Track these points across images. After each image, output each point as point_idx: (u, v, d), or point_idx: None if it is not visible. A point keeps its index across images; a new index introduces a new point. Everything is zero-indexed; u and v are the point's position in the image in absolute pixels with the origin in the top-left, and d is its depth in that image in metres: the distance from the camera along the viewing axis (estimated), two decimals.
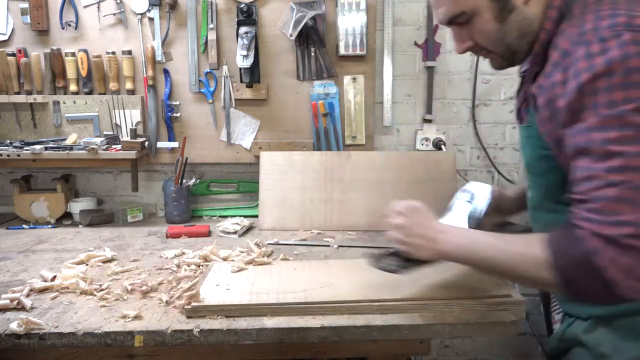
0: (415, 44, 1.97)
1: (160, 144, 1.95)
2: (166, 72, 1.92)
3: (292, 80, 1.94)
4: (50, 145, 1.81)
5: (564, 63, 0.83)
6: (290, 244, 1.57)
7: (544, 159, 0.94)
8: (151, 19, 1.89)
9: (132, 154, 1.78)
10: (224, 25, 1.90)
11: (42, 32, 1.89)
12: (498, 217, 1.22)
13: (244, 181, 2.03)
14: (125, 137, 1.88)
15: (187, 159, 1.90)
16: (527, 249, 0.87)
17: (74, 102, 1.90)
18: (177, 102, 1.94)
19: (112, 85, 1.90)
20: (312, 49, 1.90)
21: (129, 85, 1.90)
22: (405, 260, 1.03)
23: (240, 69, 1.86)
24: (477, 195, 1.20)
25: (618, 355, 0.88)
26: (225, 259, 1.38)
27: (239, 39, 1.81)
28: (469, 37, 1.00)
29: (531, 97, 0.94)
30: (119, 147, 1.81)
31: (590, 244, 0.78)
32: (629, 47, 0.77)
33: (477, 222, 1.14)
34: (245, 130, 1.97)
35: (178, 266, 1.33)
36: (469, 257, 0.96)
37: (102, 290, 1.16)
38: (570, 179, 0.84)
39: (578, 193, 0.81)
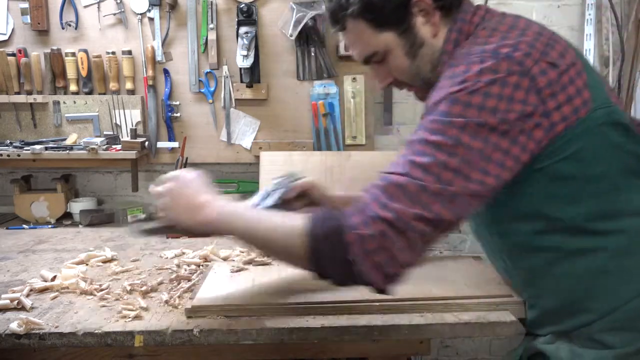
0: None
1: (160, 144, 1.95)
2: (166, 72, 1.92)
3: (292, 80, 1.94)
4: (50, 145, 1.81)
5: (436, 85, 0.89)
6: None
7: None
8: (151, 19, 1.89)
9: (132, 154, 1.78)
10: (224, 25, 1.90)
11: (42, 32, 1.90)
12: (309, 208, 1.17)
13: (244, 181, 2.03)
14: (126, 137, 1.88)
15: (187, 159, 1.90)
16: (288, 219, 0.89)
17: (74, 102, 1.90)
18: (177, 102, 1.94)
19: (112, 85, 1.90)
20: (312, 49, 1.90)
21: (129, 85, 1.90)
22: (164, 225, 0.98)
23: (240, 69, 1.86)
24: (283, 182, 1.16)
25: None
26: (225, 259, 1.38)
27: (239, 39, 1.81)
28: (387, 74, 1.04)
29: None
30: (119, 147, 1.81)
31: (352, 219, 0.81)
32: (485, 72, 0.82)
33: (266, 205, 1.09)
34: (245, 130, 1.97)
35: (178, 266, 1.33)
36: (232, 227, 0.93)
37: (102, 290, 1.16)
38: None
39: (382, 171, 0.85)
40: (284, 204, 1.11)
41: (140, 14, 1.89)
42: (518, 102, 0.81)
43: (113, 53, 1.88)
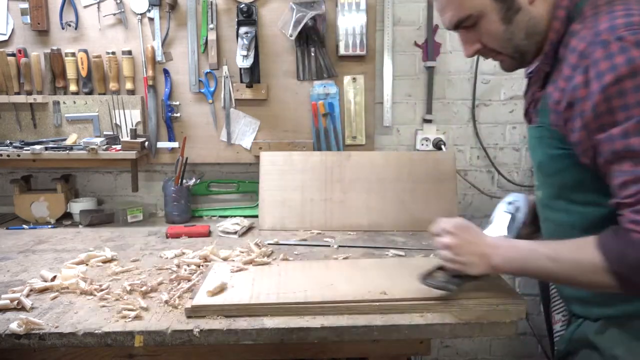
0: (415, 44, 1.97)
1: (160, 144, 1.95)
2: (166, 72, 1.92)
3: (292, 80, 1.94)
4: (50, 146, 1.81)
5: (583, 64, 0.83)
6: (290, 244, 1.57)
7: (556, 158, 0.94)
8: (151, 19, 1.89)
9: (132, 154, 1.78)
10: (224, 25, 1.90)
11: (42, 32, 1.89)
12: (532, 227, 1.19)
13: (243, 181, 2.03)
14: (125, 137, 1.88)
15: (187, 159, 1.90)
16: (580, 255, 0.86)
17: (74, 102, 1.90)
18: (177, 102, 1.94)
19: (112, 86, 1.90)
20: (312, 49, 1.90)
21: (129, 85, 1.90)
22: (452, 276, 1.05)
23: (240, 69, 1.86)
24: (516, 206, 1.20)
25: (632, 357, 0.88)
26: (225, 259, 1.38)
27: (239, 39, 1.81)
28: (476, 39, 1.00)
29: (543, 98, 0.94)
30: (119, 147, 1.81)
31: None
32: None
33: (516, 234, 1.14)
34: (245, 130, 1.97)
35: (178, 266, 1.33)
36: (523, 269, 0.96)
37: (102, 290, 1.16)
38: (610, 184, 0.84)
39: (624, 197, 0.81)
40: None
41: (140, 14, 1.89)
42: None
43: (113, 53, 1.88)
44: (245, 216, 1.86)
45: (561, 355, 1.04)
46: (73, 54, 1.87)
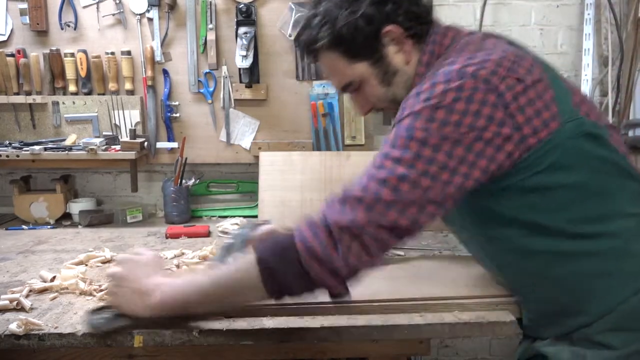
0: None
1: (159, 144, 1.95)
2: (165, 72, 1.92)
3: (291, 80, 1.94)
4: (49, 146, 1.80)
5: (401, 104, 0.90)
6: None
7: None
8: (150, 19, 1.89)
9: (131, 155, 1.78)
10: (223, 25, 1.90)
11: (41, 32, 1.89)
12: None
13: (243, 181, 2.03)
14: (125, 137, 1.88)
15: (186, 159, 1.90)
16: (238, 259, 0.89)
17: (73, 103, 1.90)
18: (177, 103, 1.94)
19: (112, 86, 1.90)
20: None
21: (128, 85, 1.90)
22: (116, 314, 0.94)
23: (240, 69, 1.86)
24: (241, 234, 1.13)
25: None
26: None
27: (238, 39, 1.81)
28: (366, 100, 1.07)
29: None
30: (118, 147, 1.81)
31: (301, 233, 0.84)
32: (450, 91, 0.83)
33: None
34: (244, 131, 1.96)
35: (178, 266, 1.33)
36: (181, 300, 0.91)
37: (101, 290, 1.16)
38: None
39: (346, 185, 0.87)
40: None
41: (140, 15, 1.89)
42: (484, 117, 0.83)
43: (112, 53, 1.88)
44: (244, 216, 1.86)
45: None
46: (72, 55, 1.87)
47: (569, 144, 0.86)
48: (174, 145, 1.94)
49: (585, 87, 1.97)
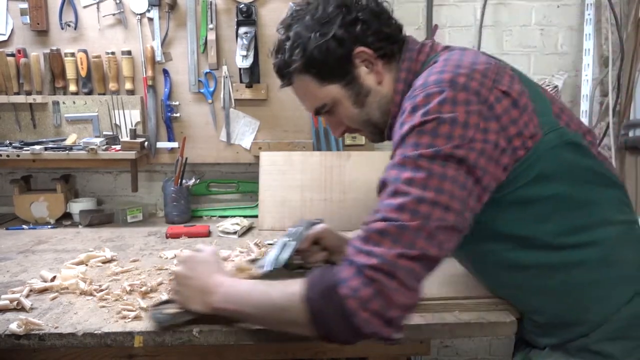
0: None
1: (159, 144, 1.95)
2: (166, 72, 1.92)
3: None
4: (49, 146, 1.80)
5: (399, 120, 0.88)
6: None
7: None
8: (151, 19, 1.89)
9: (131, 154, 1.78)
10: (223, 25, 1.90)
11: (41, 32, 1.89)
12: (326, 254, 1.19)
13: (243, 181, 2.03)
14: (125, 137, 1.88)
15: (186, 159, 1.90)
16: (288, 286, 0.85)
17: (74, 103, 1.90)
18: (177, 102, 1.94)
19: (112, 86, 1.90)
20: None
21: (128, 85, 1.90)
22: (180, 309, 0.98)
23: (240, 69, 1.86)
24: (297, 232, 1.16)
25: None
26: (225, 259, 1.38)
27: (239, 39, 1.81)
28: (340, 122, 1.08)
29: None
30: (118, 147, 1.81)
31: (342, 274, 0.79)
32: (446, 102, 0.82)
33: (283, 263, 1.08)
34: (244, 131, 1.97)
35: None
36: (238, 307, 0.92)
37: (101, 290, 1.16)
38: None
39: (362, 223, 0.83)
40: (299, 254, 1.14)
41: (140, 14, 1.89)
42: (482, 131, 0.82)
43: (112, 53, 1.88)
44: (245, 216, 1.86)
45: None
46: (72, 54, 1.87)
47: (550, 154, 0.87)
48: (174, 145, 1.94)
49: (586, 88, 1.98)
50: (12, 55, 1.87)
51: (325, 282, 0.80)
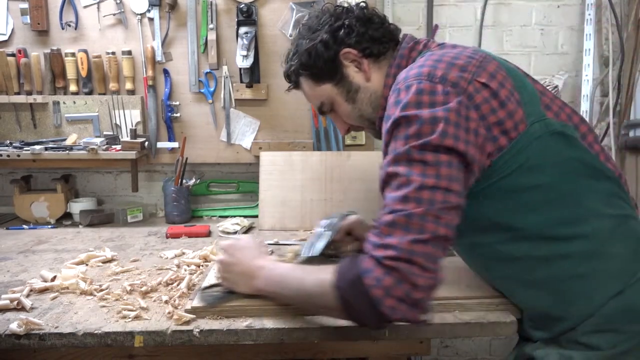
0: None
1: (160, 144, 1.95)
2: (166, 72, 1.92)
3: None
4: (50, 146, 1.80)
5: (385, 113, 0.93)
6: (290, 244, 1.57)
7: None
8: (151, 19, 1.89)
9: (132, 154, 1.78)
10: (223, 25, 1.90)
11: (42, 32, 1.89)
12: (358, 244, 1.26)
13: (243, 181, 2.03)
14: (125, 137, 1.88)
15: (187, 159, 1.90)
16: (321, 273, 0.90)
17: (74, 103, 1.90)
18: (177, 102, 1.94)
19: (112, 86, 1.90)
20: None
21: (128, 85, 1.90)
22: (226, 291, 1.06)
23: (240, 69, 1.86)
24: (330, 223, 1.25)
25: None
26: None
27: (239, 39, 1.81)
28: (342, 121, 1.18)
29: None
30: (118, 147, 1.81)
31: (364, 264, 0.83)
32: (424, 93, 0.86)
33: (319, 251, 1.15)
34: (245, 131, 1.97)
35: (178, 266, 1.33)
36: (281, 290, 0.98)
37: (102, 290, 1.16)
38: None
39: (375, 219, 0.87)
40: (334, 245, 1.22)
41: (140, 14, 1.89)
42: (464, 118, 0.85)
43: (113, 53, 1.88)
44: (245, 216, 1.86)
45: None
46: (73, 54, 1.87)
47: (536, 144, 0.89)
48: (175, 145, 1.94)
49: (586, 88, 1.98)
50: (13, 55, 1.87)
51: (353, 272, 0.84)
